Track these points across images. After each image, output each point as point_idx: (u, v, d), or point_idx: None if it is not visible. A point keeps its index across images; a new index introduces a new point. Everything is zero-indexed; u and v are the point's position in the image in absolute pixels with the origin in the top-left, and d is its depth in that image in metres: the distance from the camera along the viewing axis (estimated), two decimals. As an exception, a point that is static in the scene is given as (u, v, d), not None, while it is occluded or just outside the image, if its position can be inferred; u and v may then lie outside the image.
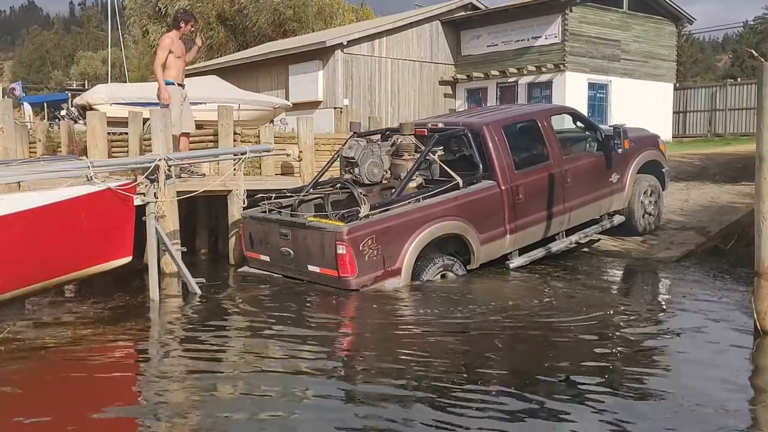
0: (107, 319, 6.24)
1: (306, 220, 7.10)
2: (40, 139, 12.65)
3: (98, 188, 6.06)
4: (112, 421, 4.11)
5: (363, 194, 7.18)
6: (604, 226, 8.86)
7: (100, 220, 6.08)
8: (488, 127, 7.63)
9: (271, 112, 17.14)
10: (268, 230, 7.42)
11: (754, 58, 32.35)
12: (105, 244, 6.18)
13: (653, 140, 9.64)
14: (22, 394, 4.50)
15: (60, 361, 5.11)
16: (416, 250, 6.87)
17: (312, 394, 4.45)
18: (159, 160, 6.59)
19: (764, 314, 5.33)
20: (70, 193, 5.96)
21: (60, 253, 5.90)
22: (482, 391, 4.37)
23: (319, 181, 8.31)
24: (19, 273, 5.69)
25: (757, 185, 5.34)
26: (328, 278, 6.75)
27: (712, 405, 4.14)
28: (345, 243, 6.48)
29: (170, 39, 8.91)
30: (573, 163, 8.24)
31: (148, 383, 4.75)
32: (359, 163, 7.64)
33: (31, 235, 5.69)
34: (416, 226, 6.88)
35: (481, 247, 7.35)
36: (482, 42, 22.52)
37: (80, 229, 5.99)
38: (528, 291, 7.08)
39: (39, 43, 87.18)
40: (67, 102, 29.39)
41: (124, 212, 6.22)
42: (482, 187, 7.45)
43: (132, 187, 6.31)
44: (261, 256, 7.55)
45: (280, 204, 7.71)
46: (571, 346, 5.38)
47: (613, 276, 8.16)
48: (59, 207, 5.81)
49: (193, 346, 5.51)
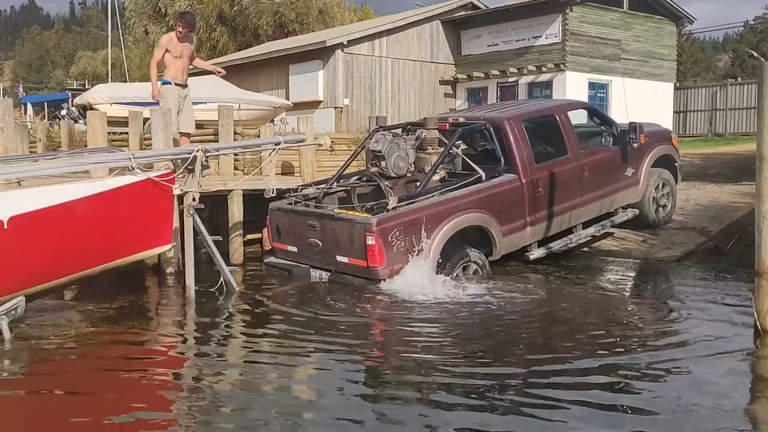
0: (142, 315, 6.60)
1: (335, 212, 7.24)
2: (41, 139, 12.63)
3: (139, 179, 6.30)
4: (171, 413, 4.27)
5: (389, 187, 7.33)
6: (619, 220, 8.98)
7: (142, 209, 6.33)
8: (509, 122, 7.77)
9: (271, 111, 17.13)
10: (295, 221, 7.56)
11: (754, 58, 32.38)
12: (146, 233, 6.45)
13: (666, 135, 9.83)
14: (82, 389, 4.65)
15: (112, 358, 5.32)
16: (442, 241, 7.00)
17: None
18: (197, 150, 6.75)
19: (764, 314, 5.33)
20: (112, 183, 6.26)
21: (104, 241, 6.16)
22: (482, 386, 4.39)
23: (342, 174, 8.47)
24: (66, 261, 5.93)
25: (757, 185, 5.34)
26: (356, 268, 6.90)
27: (711, 405, 4.14)
28: (374, 234, 6.62)
29: (168, 38, 8.95)
30: (590, 158, 8.39)
31: (193, 367, 5.06)
32: (386, 157, 7.79)
33: (77, 224, 5.94)
34: (442, 217, 7.03)
35: (502, 238, 7.49)
36: (482, 42, 22.50)
37: (123, 218, 6.26)
38: (529, 292, 7.08)
39: (39, 43, 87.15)
40: (67, 102, 29.38)
41: (163, 201, 6.48)
42: (504, 180, 7.60)
43: (171, 177, 6.55)
44: (288, 247, 7.69)
45: (307, 196, 7.89)
46: (570, 346, 5.38)
47: (613, 276, 8.16)
48: (103, 197, 6.08)
49: (233, 339, 5.86)
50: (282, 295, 7.37)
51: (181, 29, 8.85)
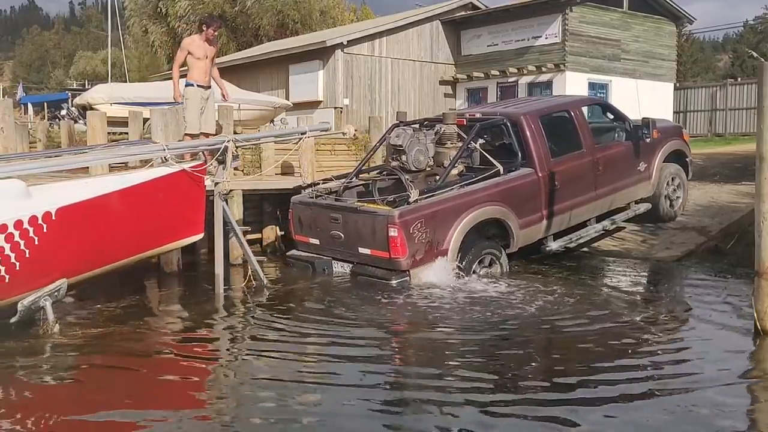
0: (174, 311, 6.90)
1: (357, 205, 7.44)
2: (41, 139, 12.65)
3: (173, 170, 6.49)
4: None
5: (410, 181, 7.49)
6: (631, 214, 9.07)
7: (176, 199, 6.54)
8: (526, 117, 7.92)
9: (271, 111, 17.13)
10: (317, 215, 7.74)
11: (754, 58, 32.37)
12: (180, 222, 6.68)
13: (678, 131, 10.04)
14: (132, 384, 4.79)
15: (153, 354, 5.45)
16: (462, 234, 7.18)
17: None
18: (228, 141, 6.88)
19: (764, 314, 5.33)
20: (147, 175, 6.43)
21: (141, 231, 6.37)
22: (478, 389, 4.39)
23: (361, 169, 8.69)
24: (106, 251, 6.15)
25: (757, 185, 5.34)
26: (378, 259, 7.07)
27: (710, 405, 4.13)
28: (397, 226, 6.81)
29: (190, 40, 9.01)
30: (604, 152, 8.53)
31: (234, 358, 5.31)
32: (407, 151, 7.90)
33: (117, 214, 6.17)
34: (462, 210, 7.21)
35: (520, 231, 7.65)
36: (482, 42, 22.49)
37: (158, 208, 6.45)
38: (531, 293, 7.07)
39: (39, 43, 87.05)
40: (67, 102, 29.36)
41: (196, 192, 6.69)
42: (521, 174, 7.76)
43: (203, 168, 6.75)
44: (310, 240, 7.86)
45: (329, 189, 8.11)
46: (570, 346, 5.39)
47: (613, 276, 8.15)
48: (140, 188, 6.28)
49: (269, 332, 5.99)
50: (303, 291, 7.50)
51: (213, 31, 8.94)
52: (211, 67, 9.13)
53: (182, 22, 30.09)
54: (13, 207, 5.52)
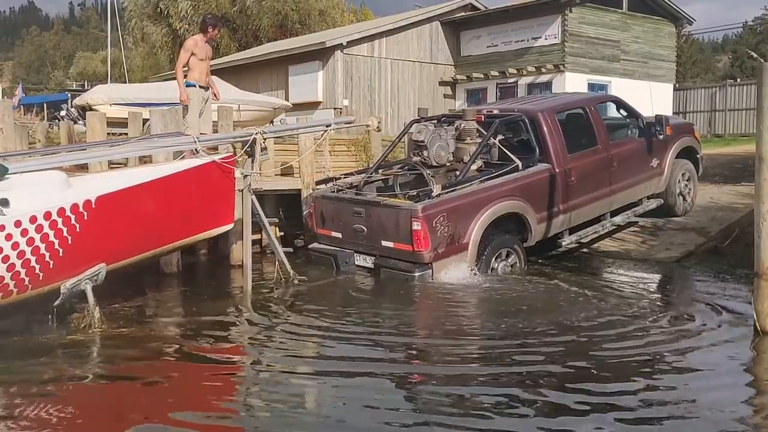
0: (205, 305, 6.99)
1: (380, 199, 7.61)
2: (40, 140, 12.62)
3: (204, 161, 6.68)
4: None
5: (431, 175, 7.65)
6: (643, 209, 9.20)
7: (206, 190, 6.70)
8: (543, 114, 8.09)
9: (270, 112, 17.12)
10: (340, 209, 7.89)
11: (753, 59, 32.38)
12: (210, 213, 6.84)
13: (689, 128, 10.22)
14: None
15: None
16: (482, 227, 7.36)
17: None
18: (256, 133, 7.00)
19: (764, 314, 5.34)
20: (181, 165, 6.61)
21: (174, 220, 6.53)
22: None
23: (381, 164, 8.88)
24: (142, 239, 6.34)
25: (756, 186, 5.34)
26: (401, 252, 7.22)
27: (710, 406, 4.14)
28: (420, 219, 6.98)
29: (194, 41, 8.98)
30: (618, 148, 8.68)
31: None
32: (428, 146, 8.03)
33: (151, 203, 6.32)
34: (482, 204, 7.39)
35: (537, 225, 7.81)
36: (482, 42, 22.50)
37: (191, 198, 6.63)
38: (534, 294, 7.07)
39: (38, 44, 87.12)
40: (66, 102, 29.36)
41: (226, 183, 6.86)
42: (539, 169, 7.92)
43: (233, 160, 6.90)
44: (332, 233, 8.01)
45: (350, 184, 8.28)
46: (570, 347, 5.38)
47: (613, 277, 8.16)
48: (173, 179, 6.46)
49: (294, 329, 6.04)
50: (329, 286, 7.61)
51: (217, 32, 8.99)
52: (209, 68, 9.15)
53: (184, 23, 30.10)
54: (56, 196, 5.75)
